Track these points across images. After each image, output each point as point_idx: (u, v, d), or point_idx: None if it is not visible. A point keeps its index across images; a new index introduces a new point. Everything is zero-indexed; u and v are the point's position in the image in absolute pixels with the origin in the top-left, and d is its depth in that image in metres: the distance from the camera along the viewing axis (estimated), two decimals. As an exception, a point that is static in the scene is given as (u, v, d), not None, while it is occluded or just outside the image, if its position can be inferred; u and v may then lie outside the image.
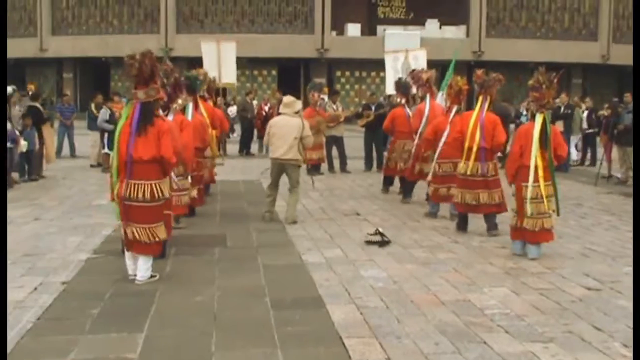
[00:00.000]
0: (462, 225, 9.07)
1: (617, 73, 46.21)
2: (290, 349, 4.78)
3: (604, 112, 16.06)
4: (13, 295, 5.95)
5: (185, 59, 32.35)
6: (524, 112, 16.28)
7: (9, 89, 13.35)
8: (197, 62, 27.03)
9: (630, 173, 14.16)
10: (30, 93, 17.02)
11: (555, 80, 7.84)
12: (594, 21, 45.57)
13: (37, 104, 15.02)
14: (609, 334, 5.18)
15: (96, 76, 46.74)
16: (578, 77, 46.78)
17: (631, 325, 5.30)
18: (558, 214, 7.73)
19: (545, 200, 7.46)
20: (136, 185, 6.26)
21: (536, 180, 7.45)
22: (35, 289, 6.20)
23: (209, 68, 13.92)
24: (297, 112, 9.66)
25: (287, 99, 10.01)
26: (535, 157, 7.47)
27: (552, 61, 43.93)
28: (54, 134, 16.66)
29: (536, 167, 7.46)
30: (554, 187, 7.63)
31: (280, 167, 9.69)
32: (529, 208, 7.43)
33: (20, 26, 47.41)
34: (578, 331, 5.22)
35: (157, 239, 6.40)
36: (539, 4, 45.10)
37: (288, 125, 9.53)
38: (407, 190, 11.66)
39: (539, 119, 7.64)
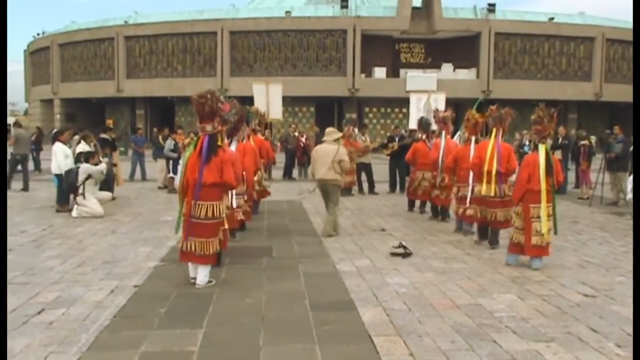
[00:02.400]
0: (484, 234, 8.94)
1: (608, 109, 45.59)
2: (327, 345, 4.74)
3: (585, 143, 15.75)
4: (93, 296, 6.04)
5: (238, 98, 32.54)
6: (527, 143, 16.07)
7: (76, 137, 13.34)
8: (248, 100, 27.22)
9: (621, 195, 13.89)
10: (103, 128, 17.25)
11: (555, 115, 7.70)
12: (588, 64, 45.03)
13: (107, 136, 15.23)
14: (604, 335, 5.05)
15: (163, 112, 47.41)
16: (574, 113, 46.17)
17: (624, 328, 5.19)
18: (555, 232, 7.58)
19: (545, 219, 7.36)
20: (201, 205, 6.32)
21: (541, 201, 7.37)
22: (112, 291, 6.24)
23: (259, 105, 13.96)
24: (336, 140, 9.71)
25: (329, 129, 10.08)
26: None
27: (551, 99, 43.32)
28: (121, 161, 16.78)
29: (541, 191, 7.38)
30: (553, 208, 7.52)
31: (323, 187, 9.71)
32: (538, 226, 7.34)
33: (101, 71, 48.31)
34: (576, 332, 5.10)
35: (212, 252, 6.43)
36: (539, 49, 44.71)
37: (327, 151, 9.60)
38: (443, 211, 11.44)
39: (542, 149, 7.56)
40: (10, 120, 63.65)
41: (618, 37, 44.76)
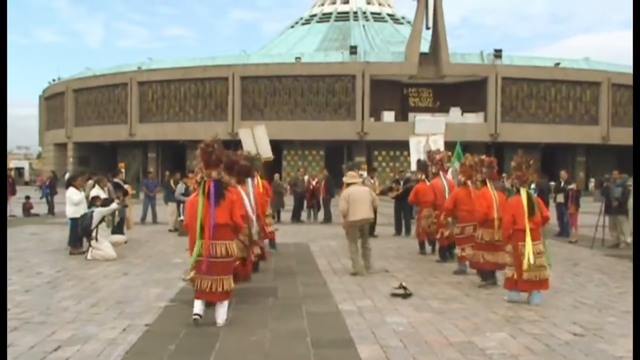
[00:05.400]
0: (489, 276, 9.23)
1: (616, 152, 45.85)
2: (325, 379, 5.07)
3: (572, 187, 16.03)
4: (107, 334, 6.38)
5: (248, 142, 33.03)
6: (508, 187, 16.39)
7: (90, 182, 13.84)
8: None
9: (622, 237, 14.17)
10: (115, 172, 17.75)
11: (532, 163, 8.30)
12: (595, 108, 45.60)
13: (119, 180, 15.70)
14: (588, 371, 5.35)
15: (174, 156, 48.20)
16: (582, 156, 46.56)
17: (608, 365, 5.47)
18: (549, 264, 8.11)
19: (532, 256, 7.83)
20: (216, 245, 6.74)
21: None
22: (124, 329, 6.57)
23: (248, 149, 14.15)
24: (362, 182, 10.31)
25: (352, 173, 10.70)
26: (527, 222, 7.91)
27: (559, 142, 44.07)
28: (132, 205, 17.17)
29: (527, 230, 7.84)
30: (544, 245, 7.99)
31: (362, 226, 10.26)
32: (525, 263, 7.81)
33: (114, 115, 49.38)
34: (562, 369, 5.40)
35: (226, 288, 6.81)
36: (546, 94, 45.40)
37: (363, 192, 10.28)
38: (442, 254, 11.83)
39: (523, 192, 8.12)
40: (24, 164, 64.71)
41: (623, 82, 45.41)
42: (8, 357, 5.47)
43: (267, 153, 13.78)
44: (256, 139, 13.69)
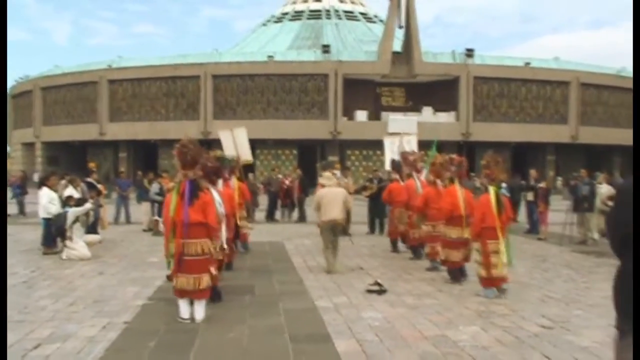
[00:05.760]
0: (459, 277, 9.46)
1: (585, 150, 46.80)
2: (304, 372, 5.25)
3: (542, 185, 16.44)
4: (86, 332, 6.48)
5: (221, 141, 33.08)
6: (479, 186, 16.73)
7: (63, 181, 13.83)
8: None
9: (589, 234, 14.60)
10: (88, 171, 17.67)
11: (500, 161, 8.56)
12: (564, 107, 46.40)
13: (92, 180, 15.67)
14: (555, 361, 5.61)
15: (146, 155, 47.89)
16: (552, 154, 47.38)
17: (575, 355, 5.74)
18: (510, 264, 8.38)
19: (503, 253, 8.17)
20: (190, 244, 6.87)
21: (497, 237, 8.11)
22: (104, 327, 6.67)
23: (228, 150, 14.25)
24: (338, 183, 10.50)
25: (327, 174, 10.85)
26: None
27: (529, 141, 44.83)
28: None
29: (496, 228, 8.10)
30: (507, 242, 8.35)
31: (333, 227, 10.39)
32: (495, 259, 8.08)
33: (84, 114, 48.85)
34: (531, 359, 5.65)
35: (204, 286, 6.95)
36: (517, 93, 46.10)
37: (335, 194, 10.42)
38: (414, 253, 12.07)
39: (492, 190, 8.40)
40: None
41: (592, 81, 46.37)
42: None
43: (246, 155, 13.90)
44: (236, 141, 13.80)
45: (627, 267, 2.11)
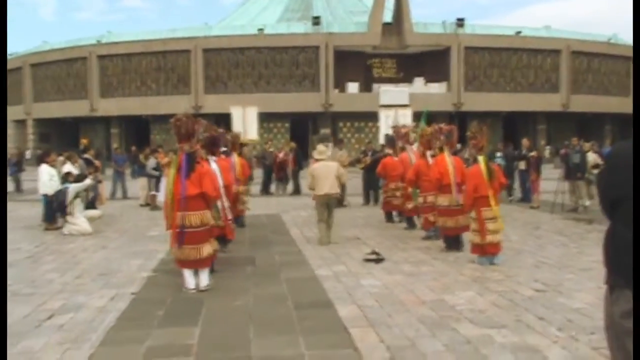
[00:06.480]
0: (454, 245, 9.69)
1: (576, 119, 47.02)
2: (308, 336, 5.45)
3: (533, 154, 16.65)
4: (96, 302, 6.71)
5: (213, 115, 33.24)
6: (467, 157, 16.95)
7: (60, 158, 13.98)
8: (222, 118, 27.88)
9: (580, 202, 14.89)
10: (82, 148, 17.81)
11: (484, 129, 8.74)
12: (555, 76, 46.49)
13: (89, 156, 15.80)
14: (548, 322, 5.82)
15: (138, 131, 47.79)
16: (543, 123, 47.60)
17: (567, 316, 6.00)
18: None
19: (499, 219, 8.43)
20: (189, 216, 7.07)
21: (490, 205, 8.36)
22: (112, 298, 6.91)
23: (237, 127, 14.57)
24: (329, 156, 10.63)
25: (321, 148, 10.90)
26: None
27: (520, 110, 45.00)
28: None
29: (489, 196, 8.34)
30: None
31: (327, 201, 10.52)
32: (491, 226, 8.35)
33: (75, 90, 48.56)
34: (525, 320, 5.88)
35: (205, 255, 7.18)
36: (508, 62, 46.10)
37: (328, 168, 10.51)
38: (409, 223, 12.32)
39: (481, 159, 8.63)
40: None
41: (583, 49, 46.40)
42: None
43: (253, 134, 14.11)
44: (246, 118, 14.03)
45: (616, 227, 2.32)
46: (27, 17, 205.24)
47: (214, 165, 8.73)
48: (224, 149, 10.89)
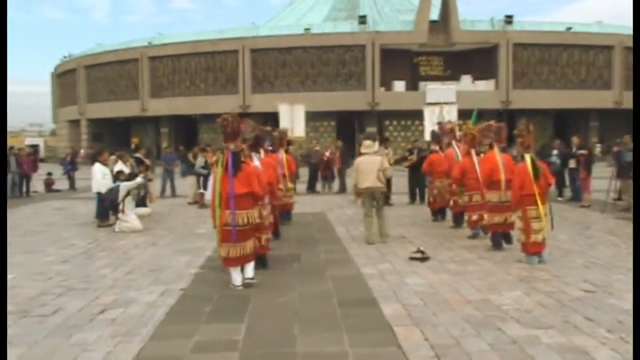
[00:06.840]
0: (500, 242, 9.62)
1: (629, 116, 45.63)
2: (353, 333, 5.48)
3: (583, 152, 16.26)
4: (146, 298, 6.87)
5: (260, 114, 33.53)
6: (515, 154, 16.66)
7: (112, 157, 14.34)
8: (269, 116, 28.09)
9: (632, 200, 14.49)
10: (133, 147, 18.21)
11: (532, 127, 8.58)
12: (607, 72, 45.37)
13: (140, 155, 16.15)
14: (597, 323, 5.71)
15: (187, 130, 48.58)
16: (595, 121, 46.47)
17: (617, 317, 5.88)
18: (552, 228, 8.61)
19: (544, 218, 8.33)
20: (237, 215, 7.17)
21: (536, 204, 8.25)
22: (162, 293, 7.07)
23: (284, 124, 14.68)
24: (375, 152, 10.63)
25: (367, 142, 10.90)
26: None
27: (571, 107, 44.02)
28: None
29: (534, 194, 8.24)
30: (549, 207, 8.52)
31: (371, 195, 10.53)
32: (536, 225, 8.28)
33: (126, 91, 49.68)
34: (573, 321, 5.78)
35: (249, 252, 7.30)
36: (558, 59, 45.16)
37: (371, 162, 10.50)
38: (456, 219, 12.19)
39: (527, 158, 8.52)
40: (39, 141, 65.47)
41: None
42: (59, 319, 5.99)
43: (300, 132, 14.19)
44: (294, 115, 14.13)
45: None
46: (82, 21, 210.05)
47: (257, 163, 8.85)
48: (269, 147, 11.01)
